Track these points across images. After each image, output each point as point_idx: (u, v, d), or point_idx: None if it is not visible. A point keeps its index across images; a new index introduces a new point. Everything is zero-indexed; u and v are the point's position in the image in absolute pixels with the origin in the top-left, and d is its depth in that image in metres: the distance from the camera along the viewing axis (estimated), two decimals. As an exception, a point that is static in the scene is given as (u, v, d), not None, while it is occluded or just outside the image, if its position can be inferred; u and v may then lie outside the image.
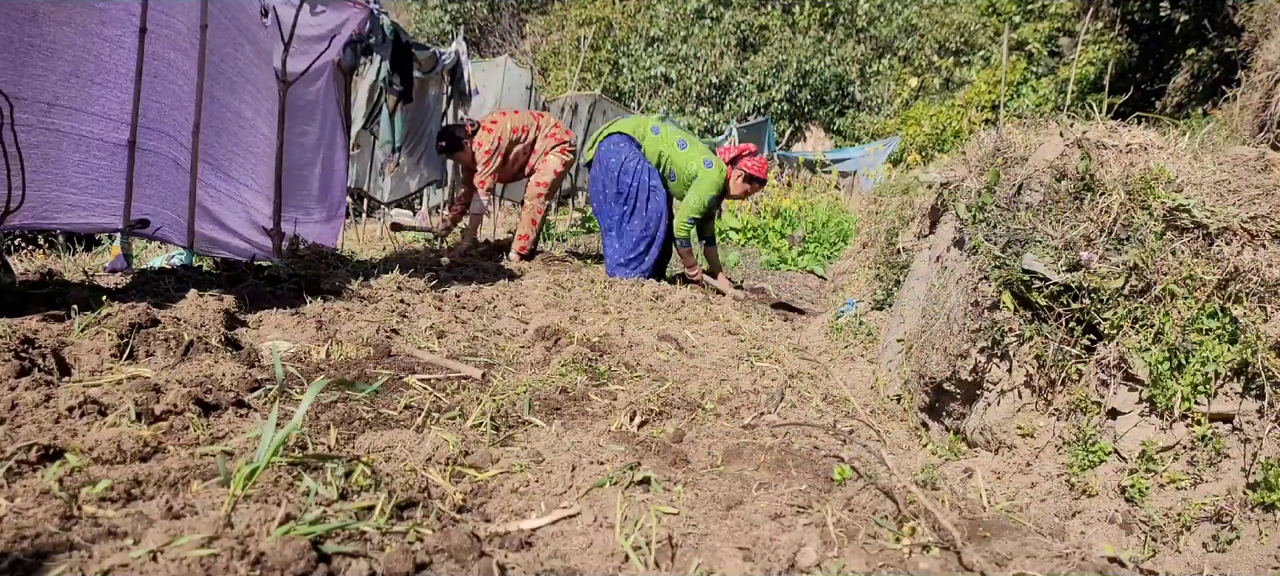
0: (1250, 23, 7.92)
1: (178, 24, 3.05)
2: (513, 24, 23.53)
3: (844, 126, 20.46)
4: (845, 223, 8.85)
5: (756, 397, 2.31)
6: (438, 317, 2.84)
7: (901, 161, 13.27)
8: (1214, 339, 1.82)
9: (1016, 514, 1.75)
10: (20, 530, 0.88)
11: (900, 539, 1.29)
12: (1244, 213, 1.90)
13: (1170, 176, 2.03)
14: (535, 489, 1.37)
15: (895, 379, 2.88)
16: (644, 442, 1.67)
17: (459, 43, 7.21)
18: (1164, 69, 10.50)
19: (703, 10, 20.91)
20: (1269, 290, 1.80)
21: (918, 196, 3.95)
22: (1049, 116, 2.67)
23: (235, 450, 1.28)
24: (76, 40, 2.58)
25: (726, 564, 1.13)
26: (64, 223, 2.63)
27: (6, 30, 2.34)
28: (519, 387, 2.00)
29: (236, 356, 1.97)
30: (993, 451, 2.25)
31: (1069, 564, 1.23)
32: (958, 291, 2.46)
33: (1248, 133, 4.92)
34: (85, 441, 1.20)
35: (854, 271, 5.60)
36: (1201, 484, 1.79)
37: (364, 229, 7.81)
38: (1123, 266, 1.99)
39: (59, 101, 2.53)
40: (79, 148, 2.63)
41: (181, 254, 4.39)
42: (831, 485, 1.52)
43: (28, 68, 2.42)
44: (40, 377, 1.48)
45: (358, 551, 0.95)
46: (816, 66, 19.78)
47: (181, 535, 0.89)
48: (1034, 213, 2.22)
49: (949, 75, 20.26)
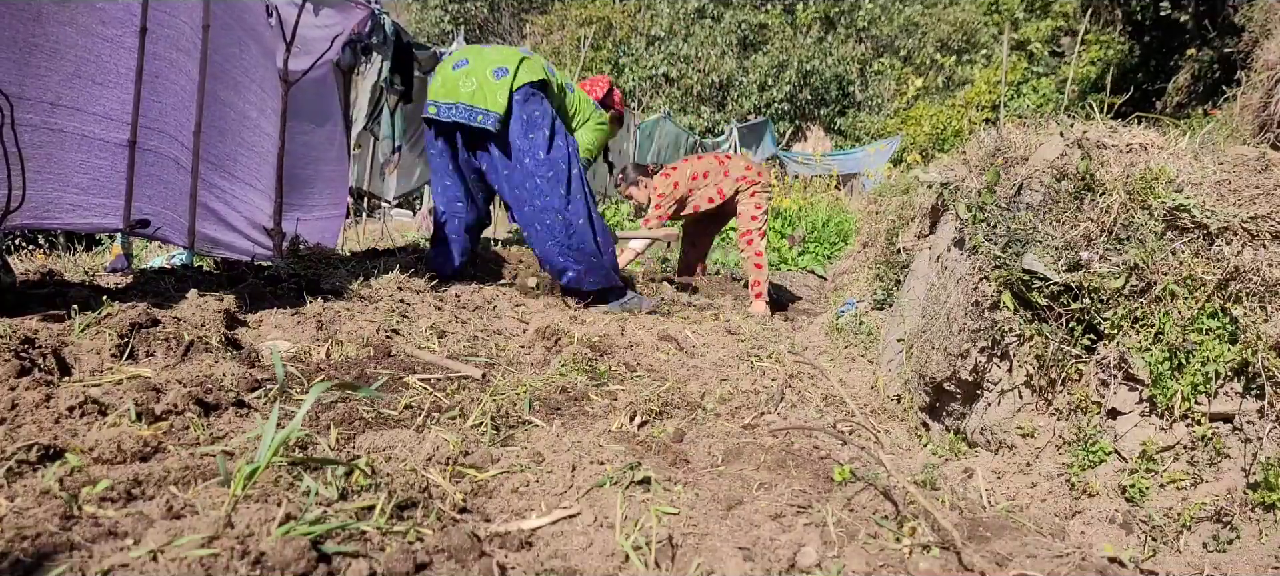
0: (1250, 23, 7.92)
1: (180, 23, 3.05)
2: (513, 24, 23.53)
3: (845, 126, 20.46)
4: (845, 222, 8.86)
5: (757, 397, 2.31)
6: (438, 317, 2.84)
7: (902, 161, 13.27)
8: (1214, 339, 1.82)
9: (1017, 514, 1.75)
10: (20, 530, 0.88)
11: (900, 539, 1.29)
12: (1244, 212, 1.90)
13: (1170, 176, 2.03)
14: (535, 489, 1.37)
15: (895, 379, 2.88)
16: (644, 442, 1.67)
17: (459, 42, 7.22)
18: (1165, 69, 10.50)
19: (704, 10, 20.91)
20: (1269, 290, 1.80)
21: (918, 196, 3.95)
22: (1049, 116, 2.67)
23: (236, 450, 1.28)
24: (79, 40, 2.58)
25: (727, 564, 1.13)
26: (65, 223, 2.63)
27: (10, 30, 2.34)
28: (519, 387, 2.00)
29: (237, 356, 1.97)
30: (993, 451, 2.25)
31: (1069, 564, 1.23)
32: (958, 291, 2.46)
33: (1248, 133, 4.92)
34: (85, 441, 1.20)
35: (854, 271, 5.60)
36: (1202, 484, 1.79)
37: (364, 229, 7.81)
38: (1123, 266, 1.99)
39: (62, 101, 2.54)
40: (81, 148, 2.63)
41: (182, 254, 4.39)
42: (832, 485, 1.52)
43: (31, 67, 2.42)
44: (40, 377, 1.48)
45: (358, 551, 0.95)
46: (817, 66, 19.79)
47: (182, 535, 0.89)
48: (1034, 213, 2.22)
49: (950, 74, 20.26)
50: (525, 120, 3.58)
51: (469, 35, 20.72)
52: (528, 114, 3.59)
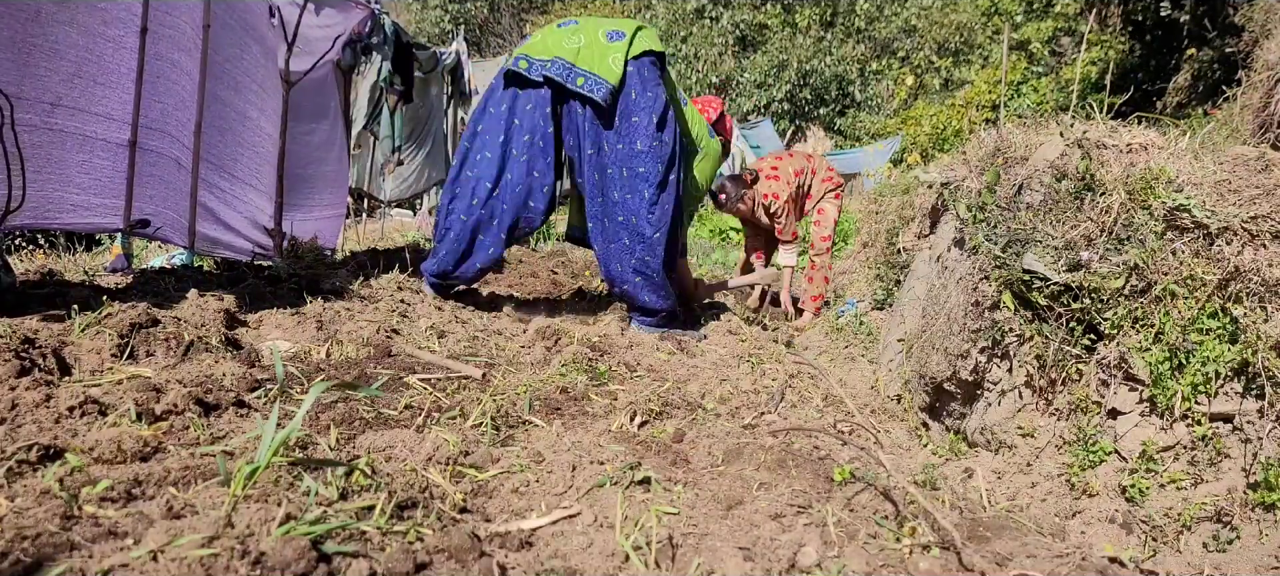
0: (1250, 23, 7.92)
1: (181, 24, 3.05)
2: (513, 23, 23.53)
3: (844, 126, 20.47)
4: (845, 222, 8.85)
5: (757, 397, 2.31)
6: (438, 317, 2.84)
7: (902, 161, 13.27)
8: (1214, 339, 1.82)
9: (1017, 514, 1.75)
10: (20, 530, 0.88)
11: (901, 539, 1.29)
12: (1244, 212, 1.90)
13: (1171, 176, 2.03)
14: (535, 489, 1.37)
15: (895, 379, 2.88)
16: (644, 442, 1.67)
17: (459, 42, 7.23)
18: (1165, 69, 10.51)
19: (703, 9, 20.91)
20: (1269, 290, 1.80)
21: (918, 196, 3.95)
22: (1050, 116, 2.67)
23: (236, 450, 1.28)
24: (79, 41, 2.58)
25: (727, 564, 1.13)
26: (66, 223, 2.63)
27: (10, 30, 2.34)
28: (519, 387, 2.00)
29: (237, 356, 1.97)
30: (993, 451, 2.25)
31: (1069, 564, 1.23)
32: (958, 291, 2.46)
33: (1248, 133, 4.92)
34: (85, 441, 1.20)
35: (854, 271, 5.60)
36: (1202, 484, 1.79)
37: (365, 229, 7.81)
38: (1123, 266, 1.99)
39: (62, 102, 2.54)
40: (82, 148, 2.64)
41: (182, 254, 4.39)
42: (832, 485, 1.52)
43: (31, 68, 2.42)
44: (40, 377, 1.48)
45: (358, 551, 0.95)
46: (817, 66, 19.79)
47: (182, 535, 0.89)
48: (1034, 213, 2.22)
49: (948, 75, 20.27)
50: (639, 94, 2.93)
51: (469, 35, 20.72)
52: (643, 87, 2.94)
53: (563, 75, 2.93)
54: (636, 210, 3.01)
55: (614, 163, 2.99)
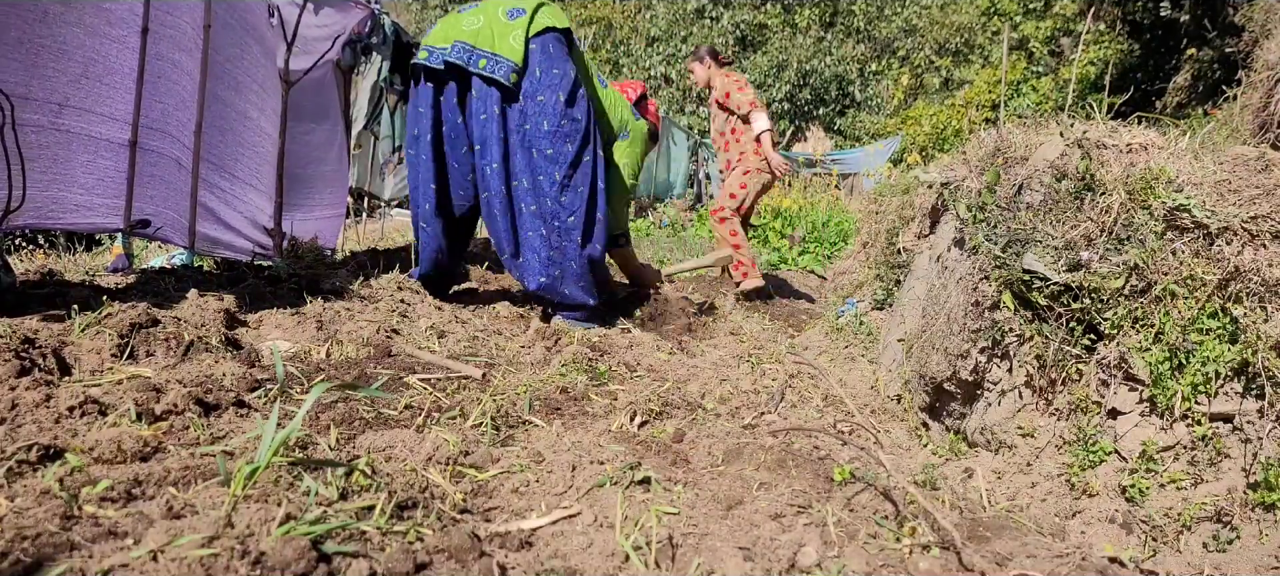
0: (1250, 23, 7.92)
1: (182, 24, 3.05)
2: (513, 24, 23.51)
3: (844, 126, 20.48)
4: (845, 222, 8.85)
5: (757, 397, 2.31)
6: (438, 317, 2.84)
7: (902, 161, 13.28)
8: (1214, 339, 1.82)
9: (1017, 514, 1.75)
10: (20, 530, 0.88)
11: (901, 539, 1.29)
12: (1244, 212, 1.90)
13: (1171, 176, 2.03)
14: (535, 489, 1.37)
15: (895, 379, 2.88)
16: (644, 442, 1.67)
17: (459, 43, 7.21)
18: (1165, 69, 10.51)
19: (703, 9, 20.92)
20: (1269, 290, 1.80)
21: (918, 196, 3.94)
22: (1049, 116, 2.67)
23: (236, 450, 1.28)
24: (86, 41, 2.58)
25: (727, 564, 1.13)
26: (68, 223, 2.63)
27: (18, 31, 2.34)
28: (519, 387, 2.00)
29: (237, 356, 1.97)
30: (993, 451, 2.25)
31: (1069, 564, 1.23)
32: (958, 291, 2.46)
33: (1248, 133, 4.92)
34: (85, 441, 1.20)
35: (854, 271, 5.60)
36: (1202, 484, 1.79)
37: (364, 229, 7.81)
38: (1123, 266, 1.99)
39: (69, 103, 2.54)
40: (87, 149, 2.64)
41: (182, 254, 4.39)
42: (832, 485, 1.52)
43: (40, 68, 2.42)
44: (40, 377, 1.48)
45: (358, 551, 0.95)
46: (816, 66, 19.80)
47: (182, 535, 0.89)
48: (1034, 212, 2.22)
49: (948, 75, 20.28)
50: (543, 72, 2.79)
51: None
52: (548, 64, 2.80)
53: (464, 59, 2.80)
54: (547, 193, 2.83)
55: (521, 147, 2.82)
